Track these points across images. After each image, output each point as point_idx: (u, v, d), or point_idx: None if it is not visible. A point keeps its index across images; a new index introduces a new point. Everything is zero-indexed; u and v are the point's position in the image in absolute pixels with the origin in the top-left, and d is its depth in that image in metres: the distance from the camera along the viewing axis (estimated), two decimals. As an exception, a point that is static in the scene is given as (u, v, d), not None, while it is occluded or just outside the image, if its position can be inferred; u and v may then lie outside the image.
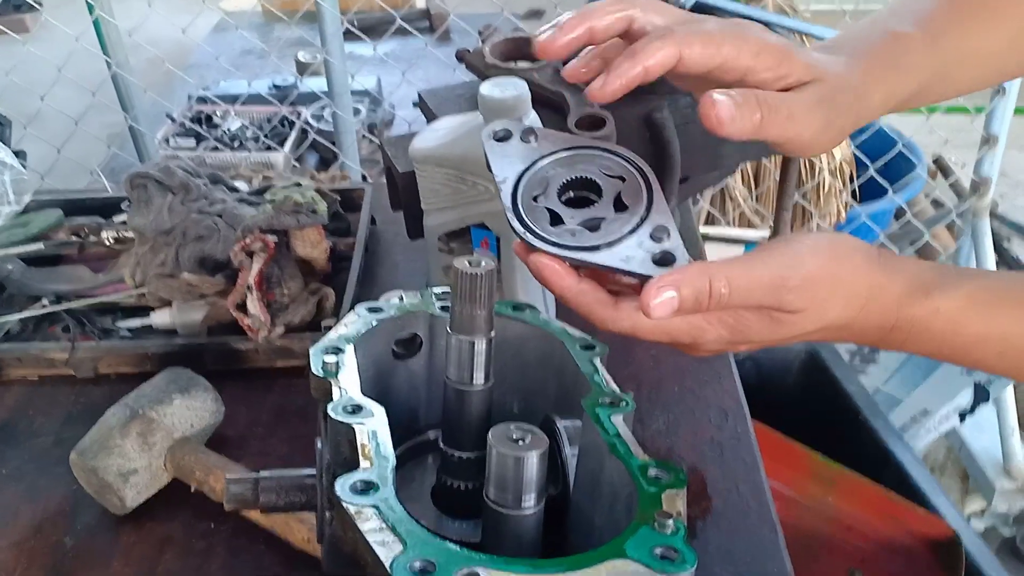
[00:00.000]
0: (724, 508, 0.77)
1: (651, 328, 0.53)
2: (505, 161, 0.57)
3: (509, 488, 0.50)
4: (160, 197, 0.97)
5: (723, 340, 0.54)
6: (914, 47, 0.60)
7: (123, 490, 0.77)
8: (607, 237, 0.53)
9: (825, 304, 0.53)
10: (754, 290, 0.51)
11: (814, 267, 0.52)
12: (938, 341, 0.55)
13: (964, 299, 0.54)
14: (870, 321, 0.54)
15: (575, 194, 0.56)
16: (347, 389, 0.57)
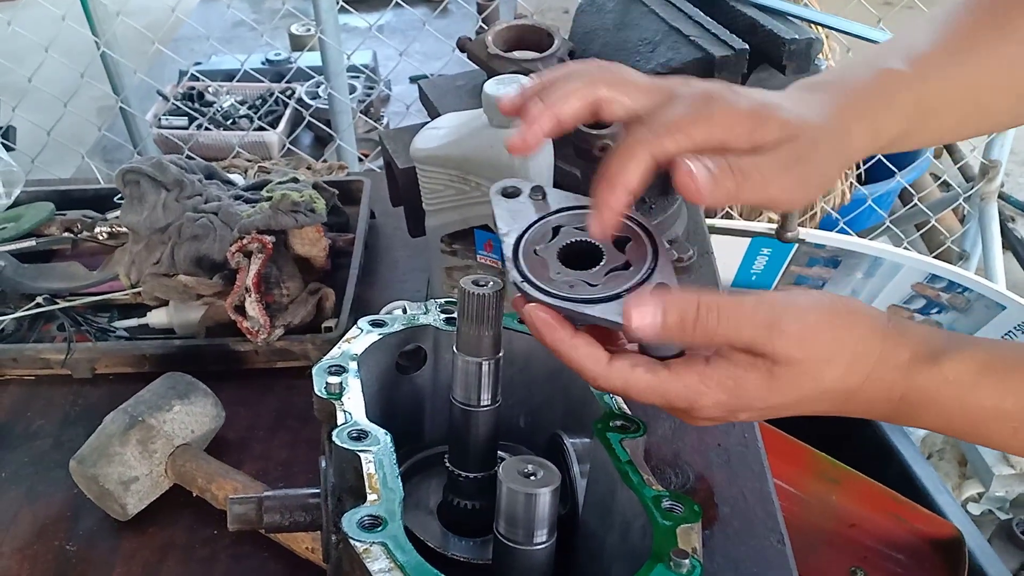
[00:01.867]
0: (731, 516, 0.77)
1: (645, 387, 0.51)
2: (510, 216, 0.56)
3: (520, 524, 0.49)
4: (154, 194, 0.94)
5: (721, 405, 0.51)
6: (903, 84, 0.58)
7: (124, 497, 0.77)
8: (606, 291, 0.51)
9: (825, 364, 0.50)
10: (744, 326, 0.49)
11: (813, 321, 0.50)
12: (947, 414, 0.52)
13: (975, 367, 0.51)
14: (877, 391, 0.51)
15: (576, 255, 0.55)
16: (352, 412, 0.55)
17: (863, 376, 0.50)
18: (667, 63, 0.88)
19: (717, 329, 0.48)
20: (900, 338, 0.51)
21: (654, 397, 0.52)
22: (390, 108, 2.27)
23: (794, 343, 0.49)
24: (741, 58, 0.86)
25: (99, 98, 2.51)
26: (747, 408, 0.52)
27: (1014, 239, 2.27)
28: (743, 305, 0.49)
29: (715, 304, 0.48)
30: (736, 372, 0.50)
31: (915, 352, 0.51)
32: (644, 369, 0.51)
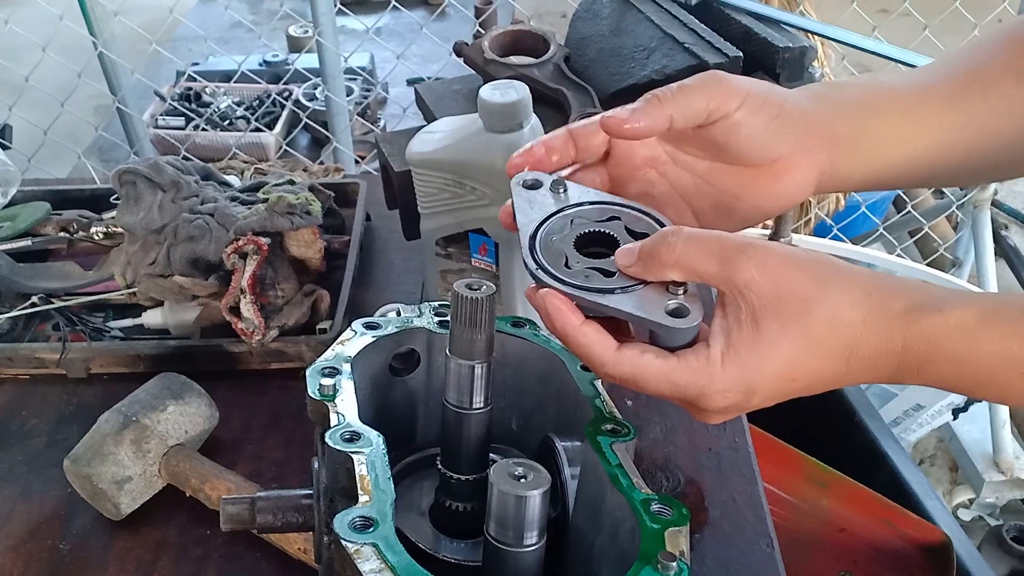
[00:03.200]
0: (721, 520, 0.77)
1: (655, 373, 0.51)
2: (529, 206, 0.56)
3: (510, 526, 0.49)
4: (150, 195, 0.95)
5: (732, 387, 0.51)
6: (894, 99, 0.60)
7: (118, 497, 0.77)
8: (621, 283, 0.52)
9: (804, 304, 0.49)
10: (708, 246, 0.50)
11: (780, 254, 0.50)
12: (955, 363, 0.50)
13: (978, 313, 0.49)
14: (877, 342, 0.50)
15: (592, 247, 0.55)
16: (345, 414, 0.56)
17: (856, 324, 0.50)
18: (662, 69, 0.89)
19: (679, 247, 0.50)
20: (889, 290, 0.51)
21: (664, 384, 0.52)
22: (387, 110, 2.28)
23: (758, 267, 0.49)
24: (735, 65, 0.87)
25: (95, 97, 2.51)
26: (756, 384, 0.51)
27: (1007, 247, 2.29)
28: (706, 233, 0.51)
29: (680, 230, 0.51)
30: (732, 339, 0.51)
31: (910, 301, 0.50)
32: (654, 355, 0.51)
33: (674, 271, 0.51)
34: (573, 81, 0.93)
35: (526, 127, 0.77)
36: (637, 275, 0.52)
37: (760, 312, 0.50)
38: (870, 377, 0.53)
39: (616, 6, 1.00)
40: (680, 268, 0.51)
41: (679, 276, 0.51)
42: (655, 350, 0.52)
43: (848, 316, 0.50)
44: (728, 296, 0.51)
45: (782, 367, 0.51)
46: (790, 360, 0.51)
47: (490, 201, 0.80)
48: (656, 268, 0.51)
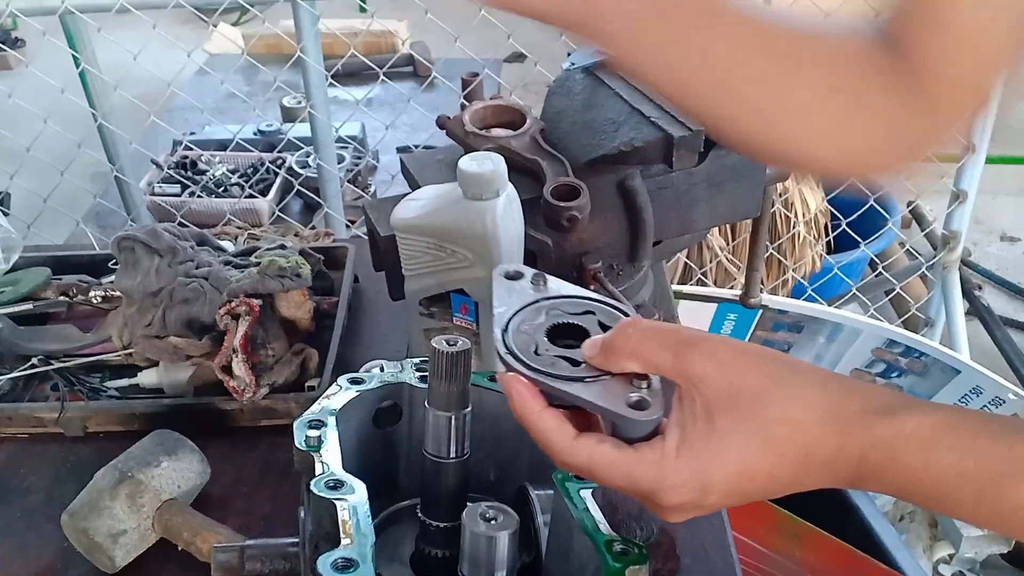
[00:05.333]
0: (692, 567, 0.80)
1: (609, 463, 0.51)
2: (508, 295, 0.59)
3: (482, 565, 0.53)
4: (147, 260, 1.00)
5: (686, 482, 0.50)
6: None
7: (113, 550, 0.80)
8: (587, 373, 0.53)
9: (756, 399, 0.49)
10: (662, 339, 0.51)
11: (732, 347, 0.51)
12: (910, 474, 0.48)
13: (932, 423, 0.48)
14: (833, 444, 0.49)
15: (564, 338, 0.57)
16: (329, 464, 0.60)
17: (813, 425, 0.49)
18: (630, 141, 0.95)
19: (635, 338, 0.51)
20: (846, 391, 0.50)
21: (619, 476, 0.51)
22: (377, 177, 2.35)
23: (707, 359, 0.50)
24: (698, 137, 0.93)
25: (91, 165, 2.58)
26: (710, 481, 0.50)
27: (980, 306, 2.35)
28: (664, 326, 0.53)
29: (638, 321, 0.53)
30: (686, 432, 0.50)
31: (867, 404, 0.49)
32: (610, 445, 0.52)
33: (631, 361, 0.52)
34: (548, 152, 0.99)
35: (502, 195, 0.83)
36: (600, 366, 0.53)
37: (714, 406, 0.50)
38: (829, 481, 0.52)
39: (588, 83, 1.07)
40: (636, 358, 0.52)
41: (636, 367, 0.52)
42: (612, 441, 0.52)
43: (804, 416, 0.49)
44: (683, 389, 0.51)
45: (737, 464, 0.50)
46: (745, 457, 0.50)
47: (470, 264, 0.85)
48: (615, 358, 0.53)
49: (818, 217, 2.06)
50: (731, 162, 1.02)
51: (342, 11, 3.95)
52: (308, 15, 1.65)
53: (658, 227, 1.02)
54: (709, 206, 1.05)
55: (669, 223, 1.04)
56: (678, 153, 0.93)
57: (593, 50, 1.10)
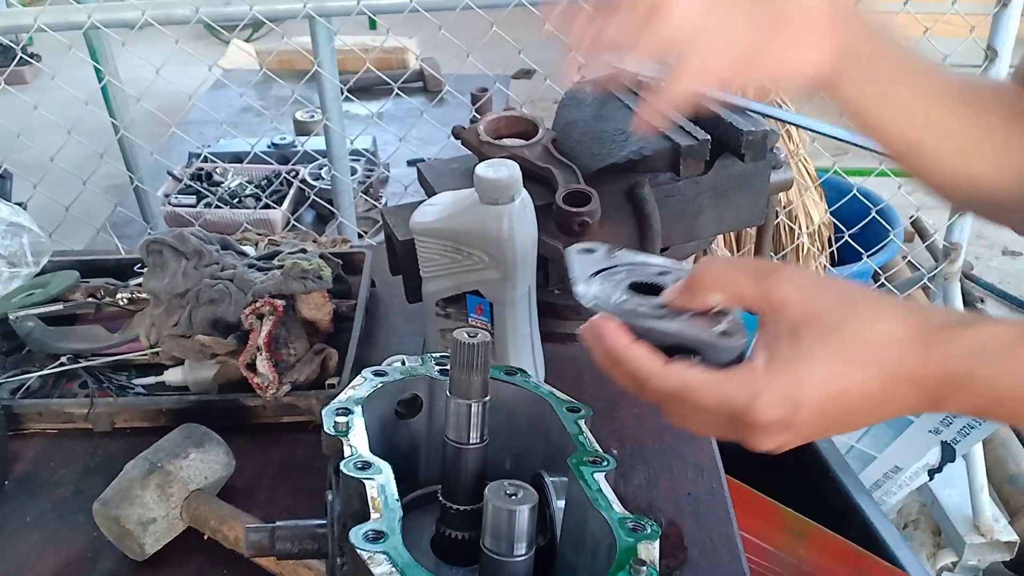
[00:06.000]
0: (699, 558, 0.84)
1: (702, 385, 0.52)
2: (584, 263, 0.62)
3: (503, 537, 0.56)
4: (175, 262, 1.04)
5: (779, 398, 0.51)
6: None
7: (143, 537, 0.83)
8: (669, 313, 0.55)
9: (839, 316, 0.50)
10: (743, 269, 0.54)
11: (810, 277, 0.54)
12: (988, 385, 0.49)
13: (1013, 332, 0.49)
14: (918, 358, 0.50)
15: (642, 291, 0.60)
16: (357, 447, 0.63)
17: (897, 336, 0.50)
18: (639, 150, 0.99)
19: (717, 270, 0.54)
20: (925, 309, 0.56)
21: (712, 396, 0.52)
22: (388, 189, 2.39)
23: (789, 283, 0.52)
24: (704, 147, 0.97)
25: (106, 177, 2.63)
26: (800, 397, 0.51)
27: (982, 318, 2.36)
28: (741, 259, 0.57)
29: (718, 257, 0.56)
30: (773, 352, 0.52)
31: (945, 319, 0.51)
32: (701, 369, 0.53)
33: (713, 294, 0.54)
34: (559, 160, 1.04)
35: (516, 200, 0.87)
36: (683, 306, 0.55)
37: (799, 326, 0.51)
38: (914, 399, 0.52)
39: (598, 95, 1.11)
40: (719, 289, 0.54)
41: (719, 298, 0.54)
42: (703, 365, 0.53)
43: (889, 331, 0.51)
44: (766, 315, 0.53)
45: (825, 380, 0.51)
46: (832, 372, 0.51)
47: (485, 266, 0.89)
48: (698, 293, 0.55)
49: (821, 229, 2.10)
50: (736, 171, 1.06)
51: (353, 28, 4.02)
52: (325, 31, 1.69)
53: (665, 234, 1.06)
54: (715, 214, 1.09)
55: (676, 230, 1.08)
56: (685, 162, 0.97)
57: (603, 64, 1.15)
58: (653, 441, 0.96)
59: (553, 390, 0.72)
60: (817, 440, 1.31)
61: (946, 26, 1.97)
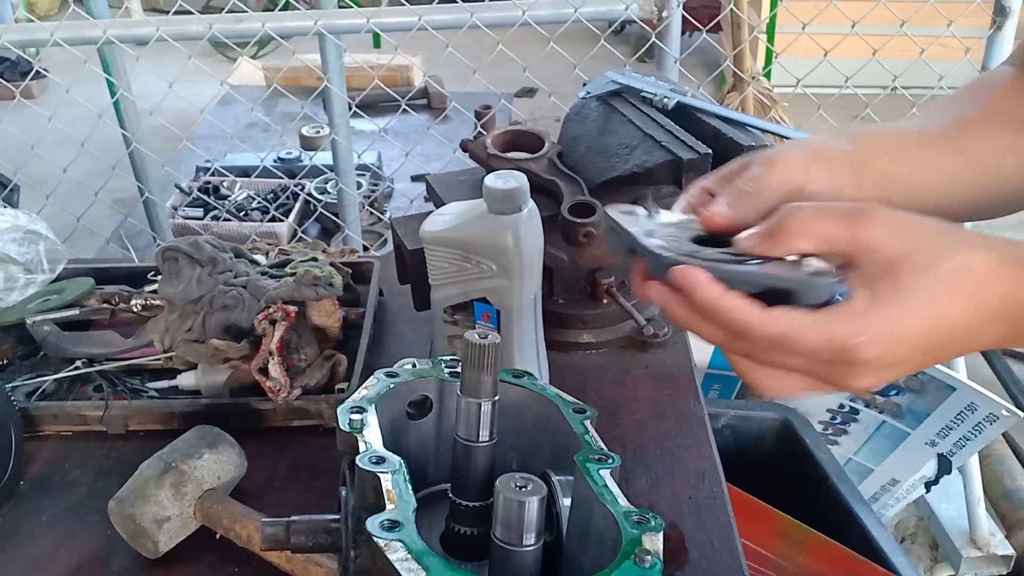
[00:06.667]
0: (699, 560, 0.86)
1: (806, 326, 0.52)
2: (633, 221, 0.59)
3: (513, 528, 0.59)
4: (189, 269, 1.06)
5: (881, 333, 0.51)
6: None
7: (157, 535, 0.85)
8: (748, 260, 0.53)
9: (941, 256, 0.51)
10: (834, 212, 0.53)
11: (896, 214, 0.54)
12: None
13: None
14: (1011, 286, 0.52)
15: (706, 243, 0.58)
16: (371, 443, 0.66)
17: (991, 264, 0.52)
18: (642, 164, 1.02)
19: (804, 214, 0.54)
20: (1010, 241, 0.53)
21: (816, 337, 0.52)
22: (393, 203, 2.43)
23: (884, 223, 0.52)
24: (705, 160, 1.00)
25: (114, 190, 2.68)
26: (900, 333, 0.52)
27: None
28: (827, 203, 0.56)
29: (802, 204, 0.56)
30: (872, 289, 0.52)
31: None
32: (801, 312, 0.52)
33: (802, 239, 0.53)
34: (565, 173, 1.07)
35: (524, 210, 0.89)
36: (764, 252, 0.54)
37: (895, 264, 0.52)
38: (1004, 327, 0.54)
39: (602, 110, 1.14)
40: (808, 235, 0.53)
41: (807, 243, 0.53)
42: (801, 309, 0.52)
43: (980, 262, 0.52)
44: (859, 256, 0.53)
45: (923, 314, 0.52)
46: (929, 306, 0.52)
47: (493, 274, 0.92)
48: (784, 239, 0.53)
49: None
50: (737, 185, 1.08)
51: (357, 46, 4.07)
52: (334, 48, 1.73)
53: (668, 246, 1.08)
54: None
55: (678, 242, 1.10)
56: (687, 175, 1.00)
57: (607, 80, 1.18)
58: (655, 447, 0.98)
59: (559, 392, 0.75)
60: (815, 451, 1.34)
61: (941, 48, 2.01)
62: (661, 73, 1.87)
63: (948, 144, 0.70)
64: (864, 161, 0.65)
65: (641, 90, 1.13)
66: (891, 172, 0.66)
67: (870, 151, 0.67)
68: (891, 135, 0.71)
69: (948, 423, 1.46)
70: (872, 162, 0.66)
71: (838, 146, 0.65)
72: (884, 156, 0.67)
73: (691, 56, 2.19)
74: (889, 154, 0.67)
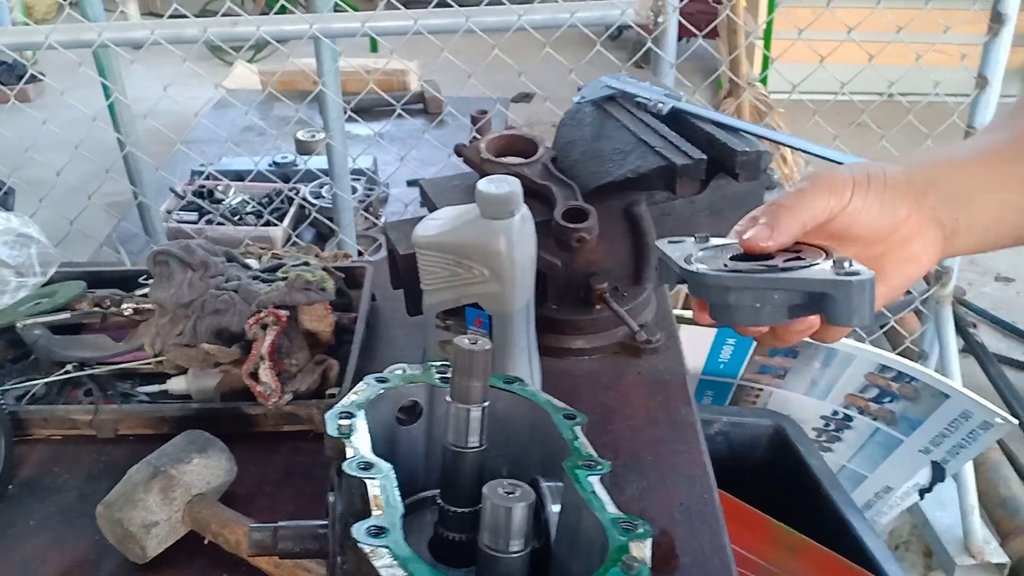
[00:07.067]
0: (691, 565, 0.85)
1: None
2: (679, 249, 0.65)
3: (500, 534, 0.58)
4: (181, 273, 1.06)
5: None
6: None
7: (145, 540, 0.85)
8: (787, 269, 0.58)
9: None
10: None
11: None
12: None
13: None
14: None
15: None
16: (359, 449, 0.65)
17: None
18: (636, 169, 1.02)
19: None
20: None
21: None
22: (388, 208, 2.42)
23: None
24: (699, 166, 1.00)
25: (107, 194, 2.67)
26: None
27: (975, 344, 2.41)
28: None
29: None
30: None
31: None
32: None
33: None
34: (558, 178, 1.06)
35: (517, 215, 0.89)
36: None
37: None
38: None
39: (597, 115, 1.14)
40: None
41: None
42: None
43: None
44: None
45: None
46: None
47: (485, 279, 0.91)
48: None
49: (815, 254, 2.12)
50: (730, 191, 1.09)
51: (354, 51, 4.07)
52: (329, 51, 1.73)
53: (661, 251, 1.08)
54: (710, 233, 1.11)
55: (671, 248, 1.10)
56: (681, 180, 1.00)
57: (602, 85, 1.18)
58: (647, 453, 0.98)
59: (550, 398, 0.74)
60: (808, 458, 1.34)
61: (938, 55, 2.01)
62: (657, 78, 1.87)
63: (1014, 158, 0.69)
64: (925, 180, 0.66)
65: (636, 95, 1.13)
66: (957, 189, 0.67)
67: (928, 172, 0.68)
68: (949, 155, 0.71)
69: (942, 430, 1.46)
70: (931, 183, 0.66)
71: (892, 169, 0.66)
72: (946, 174, 0.68)
73: (688, 62, 2.19)
74: (951, 171, 0.68)
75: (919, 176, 0.67)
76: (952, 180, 0.67)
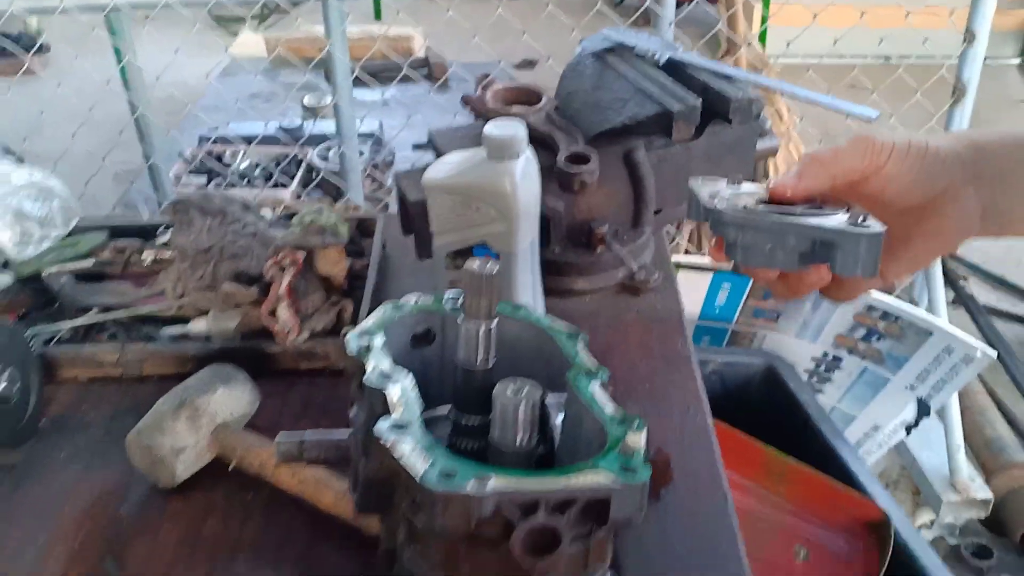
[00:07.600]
0: (684, 479, 0.91)
1: None
2: (705, 191, 0.68)
3: (509, 428, 0.64)
4: (200, 220, 1.11)
5: None
6: None
7: (174, 464, 0.90)
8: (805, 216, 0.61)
9: None
10: None
11: None
12: None
13: None
14: None
15: None
16: (378, 363, 0.70)
17: None
18: (634, 116, 1.07)
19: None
20: None
21: None
22: (394, 171, 2.47)
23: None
24: (694, 111, 1.04)
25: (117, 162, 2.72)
26: None
27: (965, 296, 2.46)
28: None
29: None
30: None
31: None
32: None
33: None
34: (561, 125, 1.11)
35: (522, 156, 0.94)
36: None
37: None
38: None
39: (597, 66, 1.19)
40: None
41: None
42: None
43: None
44: None
45: None
46: None
47: (492, 219, 0.96)
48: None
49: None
50: (725, 137, 1.13)
51: (358, 18, 4.10)
52: (337, 13, 1.77)
53: (659, 197, 1.13)
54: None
55: (669, 193, 1.15)
56: (677, 125, 1.04)
57: (602, 38, 1.22)
58: (644, 383, 1.03)
59: (553, 319, 0.80)
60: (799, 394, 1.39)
61: (929, 16, 2.05)
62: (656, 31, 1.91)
63: None
64: (966, 158, 0.66)
65: (634, 46, 1.17)
66: (1003, 169, 0.66)
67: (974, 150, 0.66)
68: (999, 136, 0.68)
69: (926, 366, 1.51)
70: (975, 161, 0.66)
71: (937, 142, 0.66)
72: (992, 154, 0.66)
73: (688, 25, 2.23)
74: (998, 152, 0.66)
75: (965, 156, 0.66)
76: (999, 161, 0.66)
